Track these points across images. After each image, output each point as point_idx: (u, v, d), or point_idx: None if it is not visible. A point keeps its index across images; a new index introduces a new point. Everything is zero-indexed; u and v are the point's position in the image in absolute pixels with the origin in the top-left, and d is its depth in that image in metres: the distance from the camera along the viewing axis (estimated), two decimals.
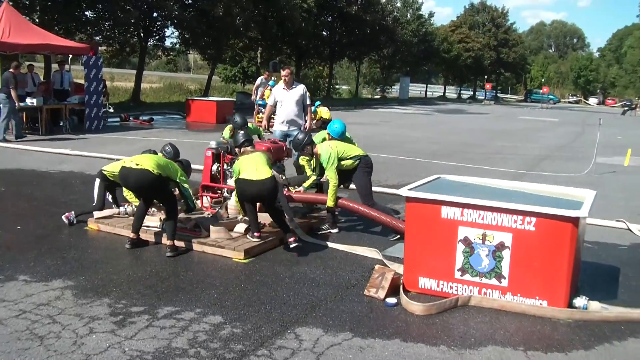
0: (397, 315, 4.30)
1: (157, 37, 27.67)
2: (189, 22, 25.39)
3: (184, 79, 48.08)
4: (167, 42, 29.36)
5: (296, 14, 31.29)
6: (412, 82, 61.91)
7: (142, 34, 26.02)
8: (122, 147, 12.11)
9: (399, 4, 52.39)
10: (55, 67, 18.40)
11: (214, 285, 4.76)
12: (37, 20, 20.30)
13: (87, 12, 23.43)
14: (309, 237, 6.08)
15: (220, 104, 20.74)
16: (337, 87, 55.35)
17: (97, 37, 24.11)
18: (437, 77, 76.38)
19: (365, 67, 58.66)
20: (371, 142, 13.92)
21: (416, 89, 67.23)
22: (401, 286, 4.67)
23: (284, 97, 8.06)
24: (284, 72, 8.10)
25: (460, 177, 5.93)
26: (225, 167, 6.76)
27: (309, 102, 8.38)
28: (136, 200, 5.90)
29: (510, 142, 17.98)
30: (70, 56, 17.62)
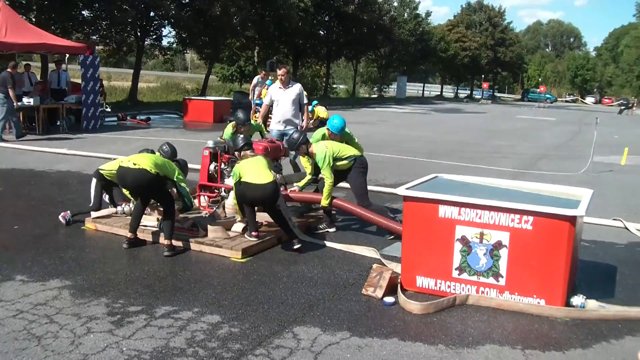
0: (395, 314, 4.31)
1: (154, 37, 27.63)
2: (186, 22, 25.35)
3: (181, 79, 47.97)
4: (164, 42, 29.34)
5: (293, 13, 31.29)
6: (409, 82, 61.94)
7: (139, 33, 25.97)
8: (120, 147, 12.09)
9: (395, 4, 52.43)
10: (52, 66, 18.37)
11: (211, 284, 4.76)
12: (33, 19, 20.25)
13: (84, 12, 23.38)
14: (306, 237, 6.08)
15: (217, 103, 20.72)
16: (334, 86, 55.33)
17: (94, 37, 24.06)
18: (435, 76, 76.48)
19: (362, 67, 58.66)
20: (368, 142, 13.89)
21: (413, 88, 67.25)
22: (399, 285, 4.67)
23: (280, 96, 8.05)
24: (280, 72, 8.09)
25: (457, 176, 5.94)
26: (222, 166, 6.75)
27: (306, 100, 8.37)
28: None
29: (507, 141, 18.01)
30: (67, 55, 17.58)
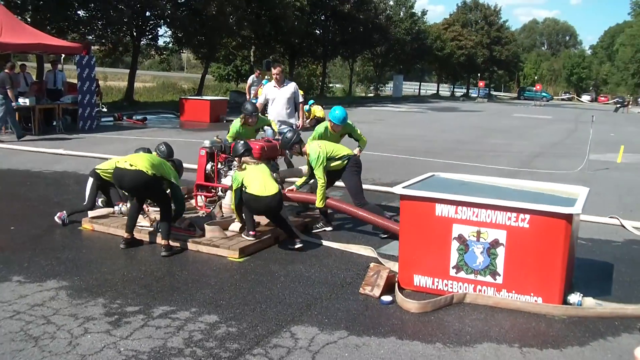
0: (392, 313, 4.31)
1: (150, 36, 27.55)
2: (182, 21, 25.30)
3: (177, 78, 47.91)
4: (160, 41, 29.26)
5: (289, 12, 31.25)
6: (406, 80, 61.91)
7: (134, 33, 25.92)
8: (116, 147, 12.06)
9: (391, 2, 52.41)
10: (48, 66, 18.31)
11: (209, 284, 4.76)
12: (29, 19, 20.18)
13: (79, 12, 23.30)
14: (303, 236, 6.07)
15: (213, 103, 20.71)
16: (330, 85, 55.26)
17: (90, 37, 23.97)
18: (431, 75, 76.49)
19: (358, 66, 58.65)
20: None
21: (410, 87, 67.21)
22: (396, 284, 4.68)
23: (275, 95, 8.04)
24: (274, 70, 8.07)
25: (454, 175, 5.94)
26: (219, 166, 6.75)
27: (301, 100, 8.35)
28: None
29: (503, 139, 18.03)
30: (62, 56, 17.53)
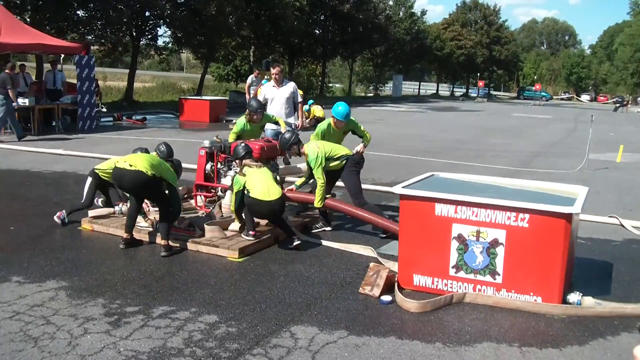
0: (392, 312, 4.31)
1: (149, 36, 27.54)
2: (181, 21, 25.30)
3: (176, 78, 47.92)
4: (160, 41, 29.24)
5: (289, 12, 31.25)
6: (405, 80, 61.95)
7: (134, 33, 25.91)
8: (116, 147, 12.05)
9: (391, 2, 52.40)
10: (47, 66, 18.31)
11: (208, 284, 4.76)
12: (28, 19, 20.18)
13: (78, 12, 23.29)
14: (303, 236, 6.08)
15: (213, 102, 20.71)
16: (330, 85, 55.27)
17: (89, 37, 23.98)
18: (430, 74, 76.50)
19: (358, 65, 58.67)
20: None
21: (409, 87, 67.23)
22: (396, 284, 4.68)
23: (274, 94, 8.03)
24: (274, 70, 8.07)
25: (453, 175, 5.95)
26: (219, 166, 6.75)
27: (300, 99, 8.35)
28: None
29: (503, 139, 18.04)
30: (62, 56, 17.53)
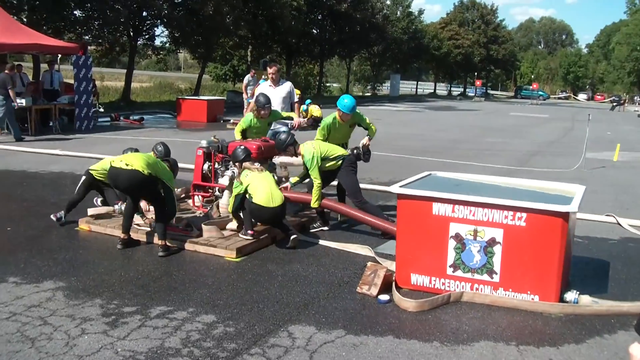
0: (389, 312, 4.32)
1: (146, 36, 27.52)
2: (179, 21, 25.26)
3: (174, 78, 47.86)
4: (157, 41, 29.20)
5: (286, 12, 31.23)
6: (403, 80, 61.99)
7: (131, 33, 25.85)
8: (113, 147, 12.02)
9: (388, 2, 52.40)
10: (44, 67, 18.28)
11: (206, 284, 4.75)
12: (25, 19, 20.12)
13: (75, 12, 23.23)
14: (301, 236, 6.08)
15: (211, 102, 20.67)
16: (327, 85, 55.30)
17: (87, 37, 23.94)
18: (428, 74, 76.60)
19: (355, 65, 58.66)
20: (358, 142, 13.93)
21: (407, 86, 67.29)
22: (393, 283, 4.68)
23: (271, 94, 8.02)
24: (270, 70, 8.07)
25: (451, 174, 5.95)
26: (216, 166, 6.74)
27: (297, 99, 8.34)
28: None
29: (500, 138, 18.06)
30: (59, 56, 17.49)
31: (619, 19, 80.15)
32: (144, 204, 6.11)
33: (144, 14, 25.65)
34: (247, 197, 5.65)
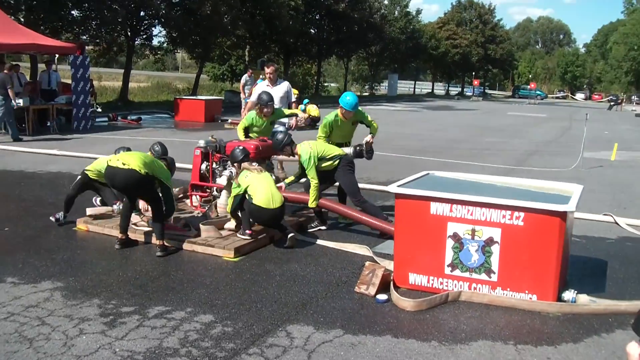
0: (388, 311, 4.32)
1: (144, 36, 27.49)
2: (176, 21, 25.26)
3: (172, 78, 47.82)
4: (155, 41, 29.22)
5: (284, 12, 31.25)
6: (401, 79, 62.01)
7: (129, 33, 25.84)
8: (111, 147, 11.93)
9: (386, 2, 52.50)
10: (42, 67, 18.24)
11: (204, 284, 4.75)
12: (22, 19, 20.09)
13: (73, 11, 23.21)
14: (298, 235, 6.08)
15: (208, 102, 20.66)
16: (325, 84, 55.32)
17: (84, 37, 23.91)
18: (426, 73, 76.64)
19: (353, 65, 58.67)
20: (360, 139, 13.92)
21: (404, 86, 67.30)
22: (391, 282, 4.69)
23: None
24: (268, 69, 8.07)
25: (449, 173, 5.96)
26: (214, 166, 6.74)
27: (294, 99, 8.34)
28: None
29: (498, 137, 18.08)
30: (57, 56, 17.46)
31: (617, 19, 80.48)
32: (142, 203, 6.10)
33: (142, 13, 25.63)
34: (247, 198, 5.65)
